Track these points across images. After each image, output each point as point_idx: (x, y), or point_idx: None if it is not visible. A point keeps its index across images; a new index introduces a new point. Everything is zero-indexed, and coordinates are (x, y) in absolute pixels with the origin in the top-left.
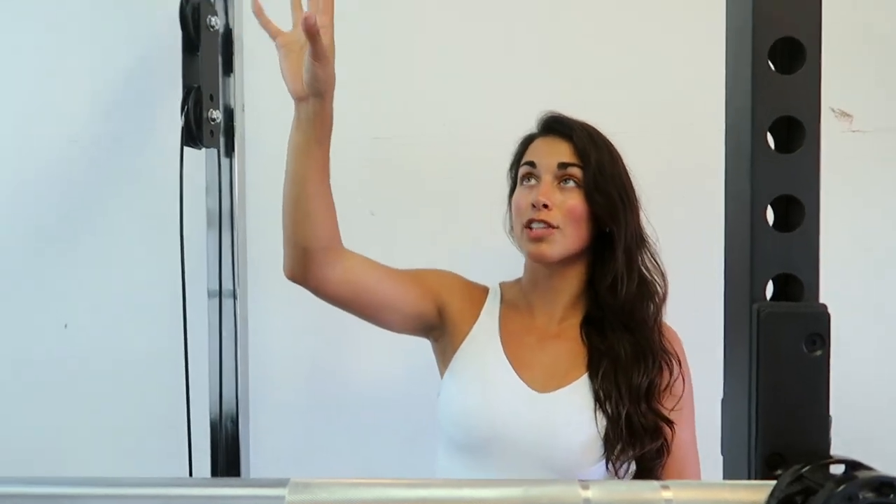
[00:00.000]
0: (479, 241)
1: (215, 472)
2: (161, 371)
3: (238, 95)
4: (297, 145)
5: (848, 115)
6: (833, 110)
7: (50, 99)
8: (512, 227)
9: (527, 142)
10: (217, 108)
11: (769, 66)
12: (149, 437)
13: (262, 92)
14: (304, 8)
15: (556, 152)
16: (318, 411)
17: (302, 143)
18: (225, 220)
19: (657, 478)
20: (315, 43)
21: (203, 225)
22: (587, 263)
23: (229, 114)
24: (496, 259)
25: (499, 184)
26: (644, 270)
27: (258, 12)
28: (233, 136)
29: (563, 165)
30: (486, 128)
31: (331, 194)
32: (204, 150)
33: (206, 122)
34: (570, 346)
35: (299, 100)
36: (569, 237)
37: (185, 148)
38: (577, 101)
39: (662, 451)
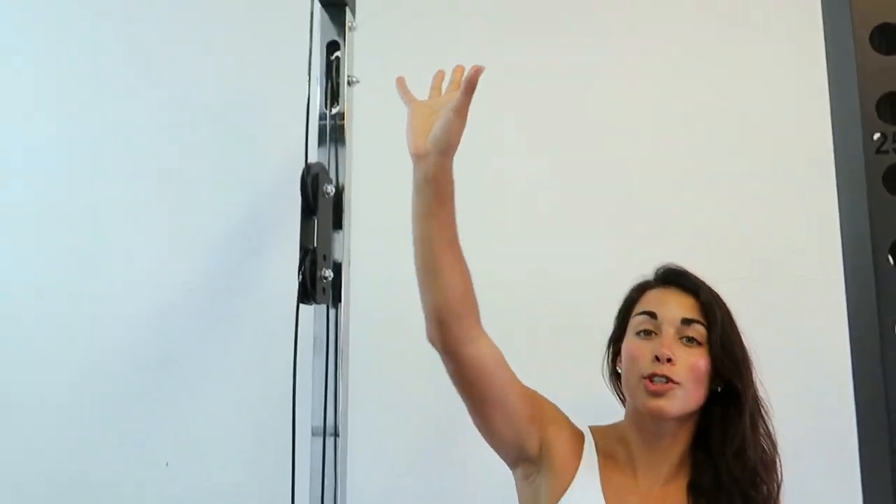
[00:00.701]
0: (570, 383)
1: None
2: None
3: (346, 251)
4: (419, 208)
5: None
6: None
7: (169, 247)
8: (612, 374)
9: (642, 289)
10: (328, 266)
11: (889, 263)
12: None
13: (363, 245)
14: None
15: (679, 306)
16: None
17: (423, 206)
18: (330, 364)
19: None
20: (468, 95)
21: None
22: (696, 423)
23: (337, 268)
24: (579, 405)
25: (581, 331)
26: (764, 438)
27: (400, 83)
28: (339, 288)
29: (687, 321)
30: (577, 274)
31: (462, 258)
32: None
33: (319, 280)
34: None
35: (420, 157)
36: (689, 395)
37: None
38: (661, 253)
39: None
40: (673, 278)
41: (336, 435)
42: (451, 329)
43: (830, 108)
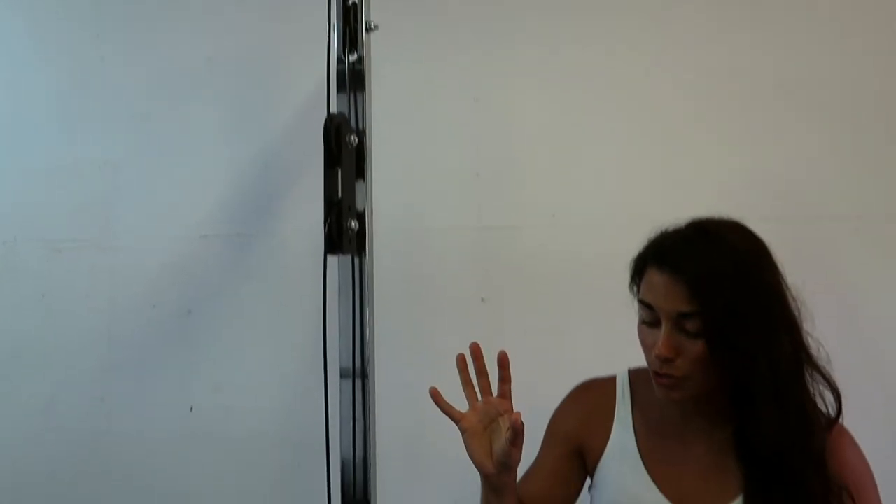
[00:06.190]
0: (592, 329)
1: None
2: (279, 452)
3: (368, 200)
4: None
5: None
6: None
7: (179, 197)
8: None
9: (640, 266)
10: (353, 216)
11: None
12: None
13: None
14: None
15: (673, 297)
16: (439, 494)
17: None
18: (356, 311)
19: None
20: (518, 437)
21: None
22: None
23: (360, 218)
24: (610, 346)
25: (608, 271)
26: (802, 403)
27: (438, 398)
28: (364, 238)
29: (682, 315)
30: (594, 216)
31: None
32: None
33: (346, 231)
34: (720, 461)
35: (488, 476)
36: (699, 381)
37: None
38: (695, 190)
39: None
40: (666, 258)
41: (364, 377)
42: None
43: None
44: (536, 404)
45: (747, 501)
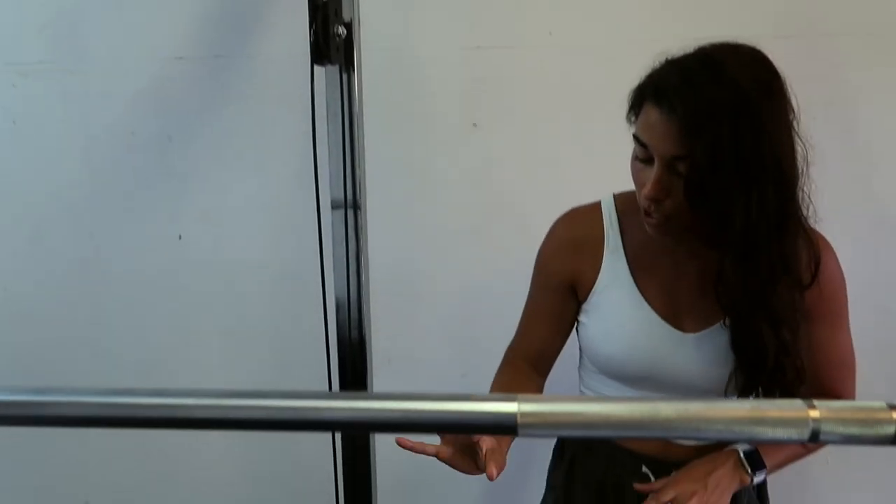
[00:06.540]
0: (588, 157)
1: (343, 379)
2: (270, 282)
3: (356, 8)
4: None
5: None
6: None
7: (152, 17)
8: None
9: (639, 100)
10: (340, 23)
11: None
12: (258, 348)
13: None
14: None
15: (667, 139)
16: (431, 323)
17: None
18: (346, 132)
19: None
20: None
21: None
22: None
23: (348, 27)
24: (605, 173)
25: (608, 96)
26: (773, 264)
27: (407, 446)
28: (352, 50)
29: (675, 158)
30: (595, 36)
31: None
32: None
33: (333, 38)
34: (712, 280)
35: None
36: (686, 221)
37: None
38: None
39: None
40: (663, 93)
41: (357, 208)
42: None
43: None
44: (530, 233)
45: (734, 316)
